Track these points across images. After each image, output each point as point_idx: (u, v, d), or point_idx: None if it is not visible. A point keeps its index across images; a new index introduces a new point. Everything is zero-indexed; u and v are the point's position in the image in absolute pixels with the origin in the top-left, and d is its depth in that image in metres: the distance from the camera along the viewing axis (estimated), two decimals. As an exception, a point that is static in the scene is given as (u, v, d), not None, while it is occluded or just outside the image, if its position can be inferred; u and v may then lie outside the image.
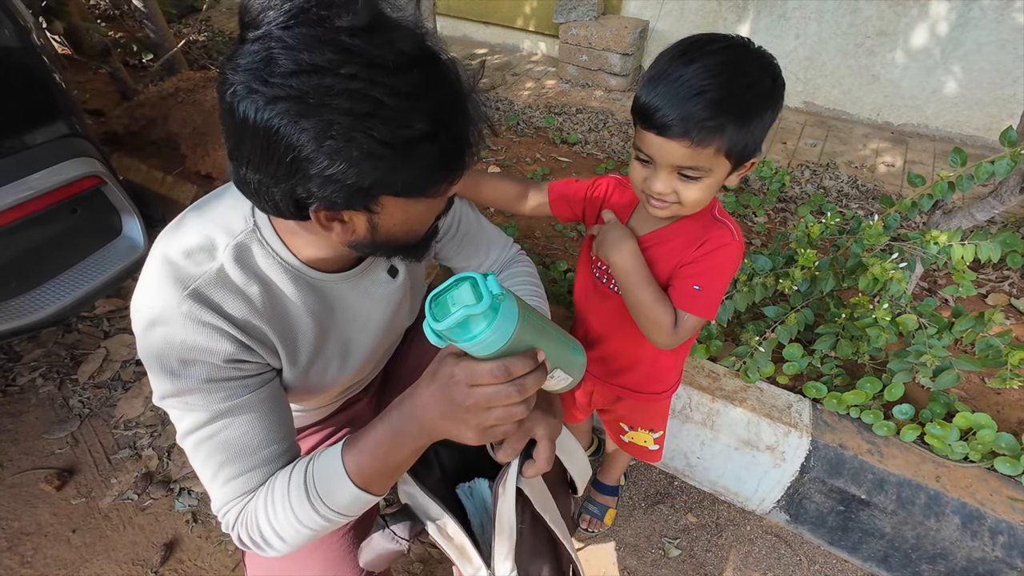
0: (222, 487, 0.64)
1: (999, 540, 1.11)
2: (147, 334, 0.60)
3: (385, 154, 0.48)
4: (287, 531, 0.62)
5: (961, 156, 1.22)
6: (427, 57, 0.51)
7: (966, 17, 2.33)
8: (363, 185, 0.50)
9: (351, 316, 0.79)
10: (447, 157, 0.53)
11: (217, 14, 4.06)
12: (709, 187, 0.75)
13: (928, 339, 1.14)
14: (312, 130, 0.46)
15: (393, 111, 0.47)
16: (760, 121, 0.70)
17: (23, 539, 1.32)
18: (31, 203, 1.18)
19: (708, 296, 0.82)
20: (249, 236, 0.65)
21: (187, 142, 2.13)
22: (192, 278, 0.61)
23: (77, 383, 1.67)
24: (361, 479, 0.60)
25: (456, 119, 0.52)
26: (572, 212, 1.00)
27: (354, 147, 0.47)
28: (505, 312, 0.50)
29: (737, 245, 0.83)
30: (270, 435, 0.65)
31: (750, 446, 1.29)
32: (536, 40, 3.42)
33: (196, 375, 0.61)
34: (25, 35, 1.18)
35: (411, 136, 0.49)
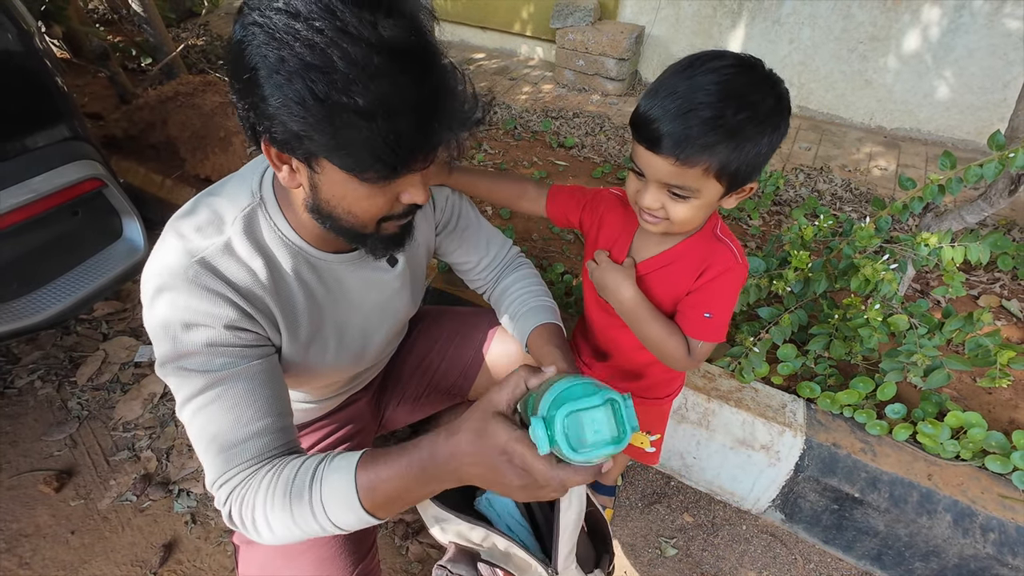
0: (215, 457, 0.64)
1: (990, 537, 1.12)
2: (154, 301, 0.63)
3: (314, 109, 0.50)
4: (279, 526, 0.62)
5: (951, 159, 1.24)
6: (406, 49, 0.51)
7: (957, 23, 2.37)
8: (295, 131, 0.53)
9: (348, 299, 0.80)
10: (378, 144, 0.53)
11: (215, 19, 4.07)
12: (698, 208, 0.73)
13: (919, 339, 1.16)
14: (268, 59, 0.50)
15: (340, 76, 0.49)
16: (753, 145, 0.67)
17: (22, 540, 1.32)
18: (33, 205, 1.19)
19: (718, 321, 0.82)
20: (255, 210, 0.68)
21: (186, 146, 2.14)
22: (200, 249, 0.64)
23: (76, 385, 1.67)
24: (371, 503, 0.59)
25: (405, 114, 0.52)
26: (567, 219, 1.00)
27: (292, 90, 0.50)
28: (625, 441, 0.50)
29: (741, 268, 0.82)
30: (265, 408, 0.66)
31: (745, 446, 1.31)
32: (533, 45, 3.44)
33: (198, 339, 0.62)
34: (28, 39, 1.19)
35: (345, 104, 0.50)
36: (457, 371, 1.09)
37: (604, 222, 0.94)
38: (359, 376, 0.98)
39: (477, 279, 1.02)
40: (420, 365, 1.12)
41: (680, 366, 0.86)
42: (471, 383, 1.10)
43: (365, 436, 1.09)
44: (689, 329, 0.84)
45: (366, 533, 0.93)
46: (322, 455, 0.66)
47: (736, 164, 0.68)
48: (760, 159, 0.69)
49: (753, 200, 2.06)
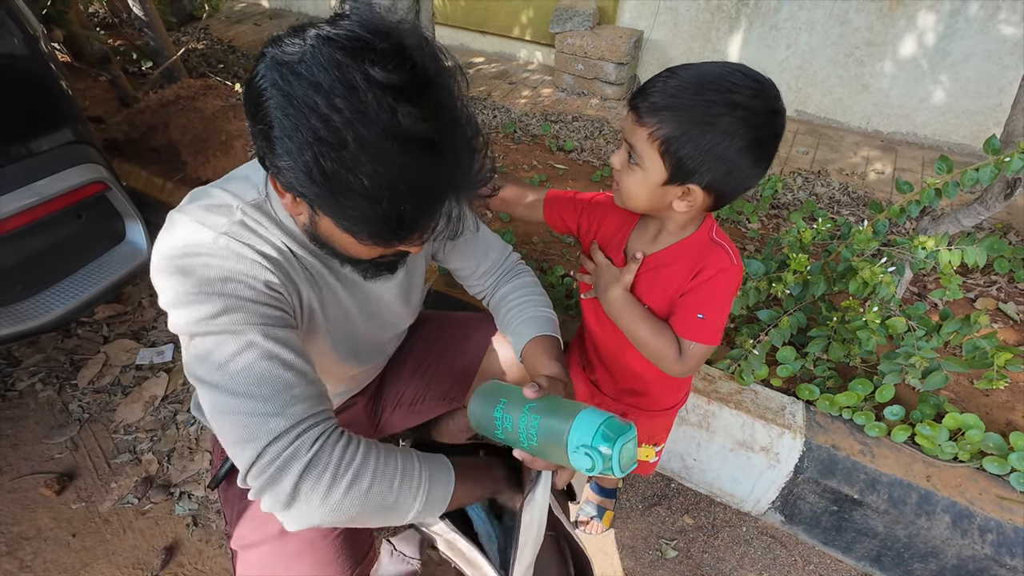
0: (290, 406, 0.59)
1: (988, 538, 1.13)
2: (182, 266, 0.60)
3: (320, 182, 0.51)
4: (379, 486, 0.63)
5: (947, 163, 1.25)
6: (423, 139, 0.51)
7: (952, 28, 2.39)
8: (305, 193, 0.54)
9: (346, 296, 0.81)
10: (378, 223, 0.53)
11: (216, 23, 4.09)
12: (641, 183, 0.74)
13: (917, 341, 1.17)
14: (283, 124, 0.51)
15: (350, 155, 0.49)
16: (700, 134, 0.67)
17: (23, 544, 1.32)
18: (37, 208, 1.20)
19: (712, 323, 0.81)
20: (261, 203, 0.68)
21: (187, 149, 2.15)
22: (219, 225, 0.63)
23: (77, 388, 1.68)
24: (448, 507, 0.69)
25: (409, 199, 0.52)
26: (564, 225, 1.00)
27: (302, 158, 0.51)
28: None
29: (736, 269, 0.82)
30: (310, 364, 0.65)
31: (745, 447, 1.31)
32: (532, 49, 3.46)
33: (241, 293, 0.61)
34: (34, 43, 1.20)
35: (350, 183, 0.50)
36: (454, 376, 1.09)
37: (603, 224, 0.94)
38: (356, 378, 0.98)
39: (476, 285, 1.02)
40: (417, 369, 1.12)
41: (673, 369, 0.84)
42: (467, 389, 1.10)
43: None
44: (681, 329, 0.83)
45: (363, 536, 0.93)
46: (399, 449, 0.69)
47: (678, 147, 0.68)
48: (706, 159, 0.68)
49: (752, 204, 2.07)
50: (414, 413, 1.16)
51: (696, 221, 0.83)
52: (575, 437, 0.58)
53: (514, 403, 0.66)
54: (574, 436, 0.58)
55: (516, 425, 0.64)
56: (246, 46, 3.67)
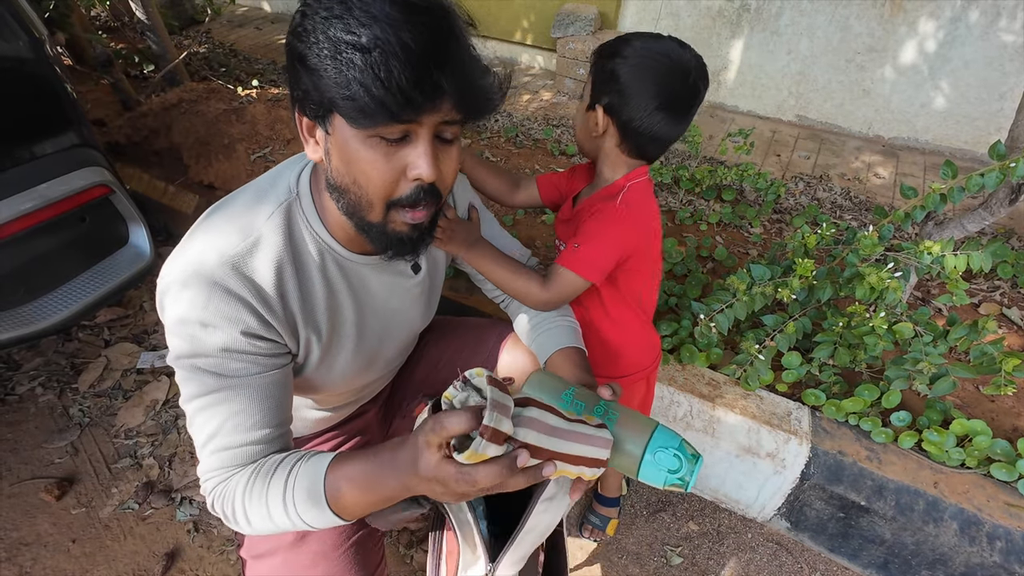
0: (211, 456, 0.66)
1: (997, 545, 1.12)
2: (177, 296, 0.63)
3: (325, 48, 0.54)
4: (256, 517, 0.64)
5: (952, 168, 1.25)
6: (421, 5, 0.54)
7: (953, 35, 2.40)
8: (310, 78, 0.56)
9: (369, 301, 0.81)
10: (370, 80, 0.53)
11: (217, 26, 4.09)
12: (578, 113, 0.93)
13: (924, 347, 1.17)
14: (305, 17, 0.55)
15: (353, 20, 0.53)
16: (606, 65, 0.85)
17: (22, 549, 1.31)
18: (41, 212, 1.19)
19: (581, 252, 0.89)
20: (291, 205, 0.70)
21: (189, 152, 2.14)
22: (231, 247, 0.64)
23: (77, 392, 1.67)
24: (336, 505, 0.62)
25: (401, 54, 0.53)
26: (559, 194, 1.10)
27: (313, 38, 0.54)
28: None
29: (615, 210, 0.89)
30: (267, 418, 0.67)
31: (751, 453, 1.31)
32: (534, 54, 3.47)
33: (214, 341, 0.63)
34: (39, 47, 1.20)
35: (347, 41, 0.53)
36: None
37: (572, 184, 1.07)
38: (369, 385, 0.98)
39: (495, 290, 1.02)
40: (429, 376, 1.11)
41: (539, 298, 0.91)
42: None
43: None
44: (558, 258, 0.91)
45: (374, 546, 0.93)
46: (303, 452, 0.68)
47: (595, 76, 0.87)
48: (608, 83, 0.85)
49: (754, 208, 2.07)
50: None
51: (621, 167, 0.94)
52: (657, 442, 0.60)
53: (584, 395, 0.65)
54: (656, 442, 0.60)
55: (588, 412, 0.63)
56: (248, 50, 3.67)
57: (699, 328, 1.38)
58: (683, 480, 0.59)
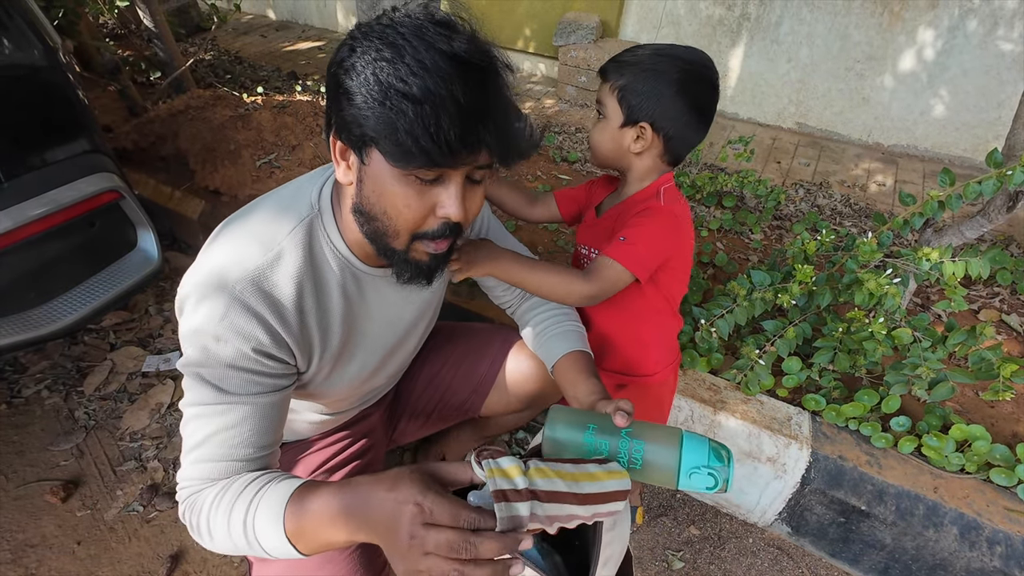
0: (192, 464, 0.67)
1: (997, 550, 1.13)
2: (196, 306, 0.64)
3: (374, 90, 0.56)
4: (218, 533, 0.63)
5: (950, 176, 1.27)
6: (470, 63, 0.57)
7: (951, 44, 2.43)
8: (354, 113, 0.58)
9: (385, 312, 0.83)
10: (418, 130, 0.55)
11: (223, 34, 4.14)
12: (604, 130, 0.93)
13: (923, 352, 1.18)
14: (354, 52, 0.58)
15: (404, 67, 0.55)
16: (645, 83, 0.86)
17: (27, 551, 1.31)
18: (53, 217, 1.21)
19: (628, 245, 0.89)
20: (312, 220, 0.71)
21: (196, 158, 2.16)
22: (252, 260, 0.66)
23: (83, 395, 1.68)
24: (293, 531, 0.59)
25: (451, 109, 0.55)
26: (579, 208, 1.12)
27: (362, 75, 0.57)
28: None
29: (661, 208, 0.92)
30: (256, 438, 0.68)
31: (751, 458, 1.31)
32: (536, 61, 3.51)
33: (223, 355, 0.64)
34: (53, 55, 1.22)
35: (399, 89, 0.55)
36: (469, 387, 1.10)
37: (592, 197, 1.08)
38: (376, 389, 0.99)
39: (503, 296, 1.03)
40: (432, 381, 1.12)
41: (581, 291, 0.89)
42: (483, 399, 1.10)
43: (377, 450, 1.09)
44: (605, 251, 0.91)
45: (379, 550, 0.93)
46: (277, 473, 0.67)
47: (631, 93, 0.87)
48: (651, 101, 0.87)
49: (754, 215, 2.09)
50: (429, 424, 1.16)
51: (653, 172, 0.95)
52: (689, 460, 0.63)
53: (605, 429, 0.67)
54: (688, 459, 0.63)
55: (614, 450, 0.65)
56: (253, 57, 3.71)
57: (700, 333, 1.39)
58: (722, 489, 0.64)
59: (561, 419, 0.68)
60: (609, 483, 0.59)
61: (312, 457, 0.98)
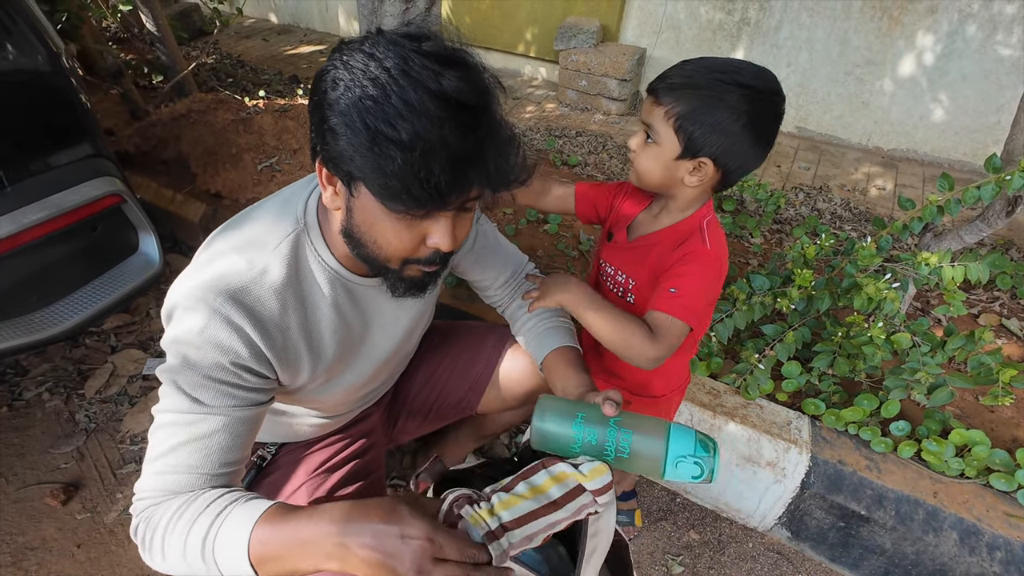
0: (155, 475, 0.64)
1: (997, 556, 1.13)
2: (178, 317, 0.65)
3: (361, 134, 0.54)
4: (172, 553, 0.61)
5: (949, 181, 1.28)
6: (461, 102, 0.54)
7: (950, 48, 2.43)
8: (341, 150, 0.56)
9: (380, 319, 0.83)
10: (409, 177, 0.54)
11: (225, 38, 4.16)
12: (656, 158, 0.82)
13: (922, 357, 1.18)
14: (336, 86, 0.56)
15: (392, 109, 0.53)
16: (711, 112, 0.75)
17: (27, 554, 1.32)
18: (55, 221, 1.22)
19: (683, 298, 0.83)
20: (299, 235, 0.71)
21: (197, 161, 2.17)
22: (236, 274, 0.65)
23: (84, 398, 1.68)
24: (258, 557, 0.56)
25: (441, 155, 0.53)
26: (596, 214, 1.05)
27: (347, 115, 0.54)
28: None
29: (708, 253, 0.85)
30: (223, 455, 0.66)
31: (751, 462, 1.31)
32: (537, 66, 3.52)
33: (201, 366, 0.64)
34: (56, 59, 1.23)
35: (387, 135, 0.53)
36: (466, 385, 1.11)
37: (621, 206, 1.00)
38: (373, 391, 1.00)
39: (494, 296, 1.04)
40: (429, 380, 1.13)
41: (647, 353, 0.83)
42: (480, 397, 1.11)
43: (377, 450, 1.10)
44: (653, 302, 0.85)
45: None
46: (242, 493, 0.64)
47: (692, 123, 0.76)
48: (715, 134, 0.76)
49: (754, 219, 2.09)
50: (427, 423, 1.17)
51: (698, 202, 0.89)
52: (675, 449, 0.64)
53: (593, 418, 0.67)
54: (674, 448, 0.64)
55: (602, 439, 0.65)
56: (255, 61, 3.73)
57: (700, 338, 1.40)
58: (707, 480, 0.65)
59: (550, 409, 0.68)
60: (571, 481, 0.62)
61: (313, 457, 0.99)
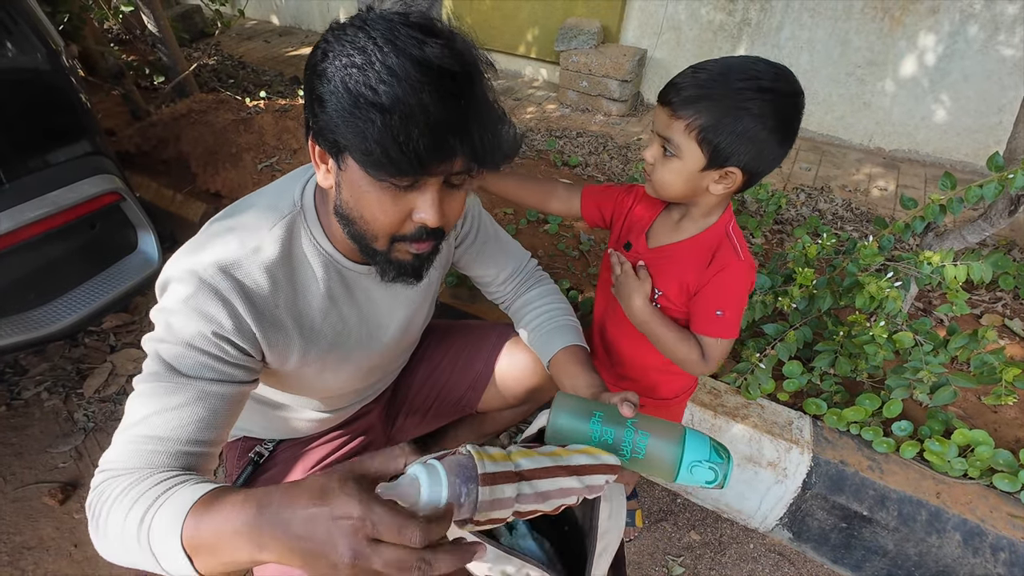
0: (124, 444, 0.60)
1: (1000, 557, 1.12)
2: (166, 288, 0.66)
3: (344, 99, 0.55)
4: (112, 532, 0.55)
5: (951, 180, 1.27)
6: (443, 69, 0.55)
7: (952, 49, 2.43)
8: (327, 121, 0.57)
9: (374, 310, 0.82)
10: (388, 141, 0.54)
11: (227, 39, 4.17)
12: (679, 171, 0.79)
13: (924, 356, 1.17)
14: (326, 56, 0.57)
15: (374, 75, 0.54)
16: (735, 121, 0.72)
17: (24, 553, 1.31)
18: (55, 217, 1.22)
19: (729, 318, 0.86)
20: (295, 218, 0.71)
21: (197, 161, 2.18)
22: (228, 253, 0.66)
23: (82, 397, 1.68)
24: (191, 542, 0.50)
25: (421, 120, 0.53)
26: (601, 217, 1.03)
27: (333, 82, 0.56)
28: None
29: (743, 264, 0.85)
30: (195, 430, 0.62)
31: (752, 462, 1.31)
32: (538, 67, 3.52)
33: (183, 332, 0.63)
34: (56, 58, 1.24)
35: (368, 99, 0.54)
36: (466, 384, 1.10)
37: (632, 211, 0.98)
38: (372, 386, 0.99)
39: (497, 292, 1.03)
40: (429, 378, 1.13)
41: (697, 370, 0.89)
42: (480, 395, 1.11)
43: (376, 448, 1.09)
44: (702, 327, 0.87)
45: None
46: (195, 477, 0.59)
47: (716, 134, 0.73)
48: (741, 143, 0.73)
49: (755, 219, 2.08)
50: (427, 421, 1.16)
51: (720, 207, 0.87)
52: (690, 454, 0.65)
53: (610, 418, 0.67)
54: (690, 453, 0.65)
55: (619, 439, 0.65)
56: (256, 62, 3.74)
57: (700, 337, 1.39)
58: (719, 485, 0.65)
59: (567, 406, 0.68)
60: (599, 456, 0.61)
61: (311, 454, 0.98)
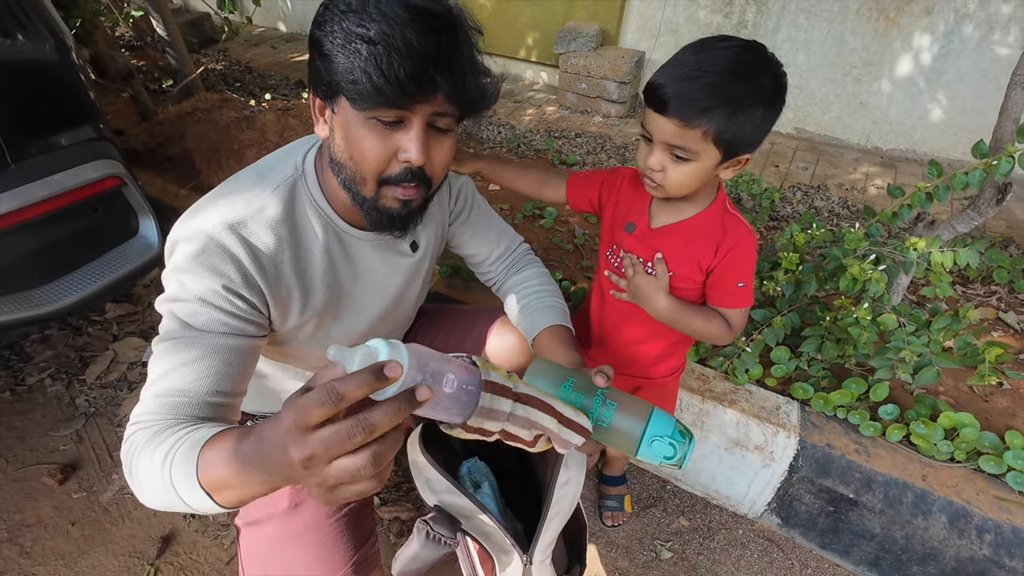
0: (152, 399, 0.63)
1: (986, 539, 1.12)
2: (175, 249, 0.69)
3: (338, 37, 0.60)
4: (144, 477, 0.58)
5: (937, 168, 1.28)
6: (429, 12, 0.60)
7: (947, 49, 2.45)
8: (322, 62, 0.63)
9: (370, 276, 0.85)
10: (372, 69, 0.59)
11: (235, 45, 4.26)
12: (695, 172, 0.79)
13: (907, 336, 1.18)
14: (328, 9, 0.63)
15: (366, 16, 0.60)
16: (749, 116, 0.73)
17: (23, 531, 1.34)
18: (58, 199, 1.26)
19: (749, 287, 0.91)
20: (296, 180, 0.75)
21: (201, 158, 2.23)
22: (232, 213, 0.70)
23: (84, 383, 1.71)
24: (208, 481, 0.52)
25: (404, 51, 0.59)
26: (588, 202, 1.05)
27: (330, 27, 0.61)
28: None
29: (752, 235, 0.90)
30: (215, 380, 0.65)
31: (740, 446, 1.31)
32: (537, 69, 3.57)
33: (194, 289, 0.67)
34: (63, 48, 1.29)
35: (358, 34, 0.60)
36: None
37: (621, 194, 0.99)
38: None
39: (488, 271, 1.06)
40: None
41: (726, 340, 0.95)
42: None
43: None
44: (727, 301, 0.92)
45: (366, 519, 0.95)
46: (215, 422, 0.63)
47: (732, 132, 0.74)
48: (755, 131, 0.76)
49: (751, 215, 2.10)
50: None
51: (713, 185, 0.90)
52: (653, 429, 0.66)
53: (582, 386, 0.68)
54: (653, 428, 0.66)
55: (586, 406, 0.67)
56: (263, 67, 3.81)
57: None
58: (678, 463, 0.66)
59: (542, 370, 0.70)
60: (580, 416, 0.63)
61: None
